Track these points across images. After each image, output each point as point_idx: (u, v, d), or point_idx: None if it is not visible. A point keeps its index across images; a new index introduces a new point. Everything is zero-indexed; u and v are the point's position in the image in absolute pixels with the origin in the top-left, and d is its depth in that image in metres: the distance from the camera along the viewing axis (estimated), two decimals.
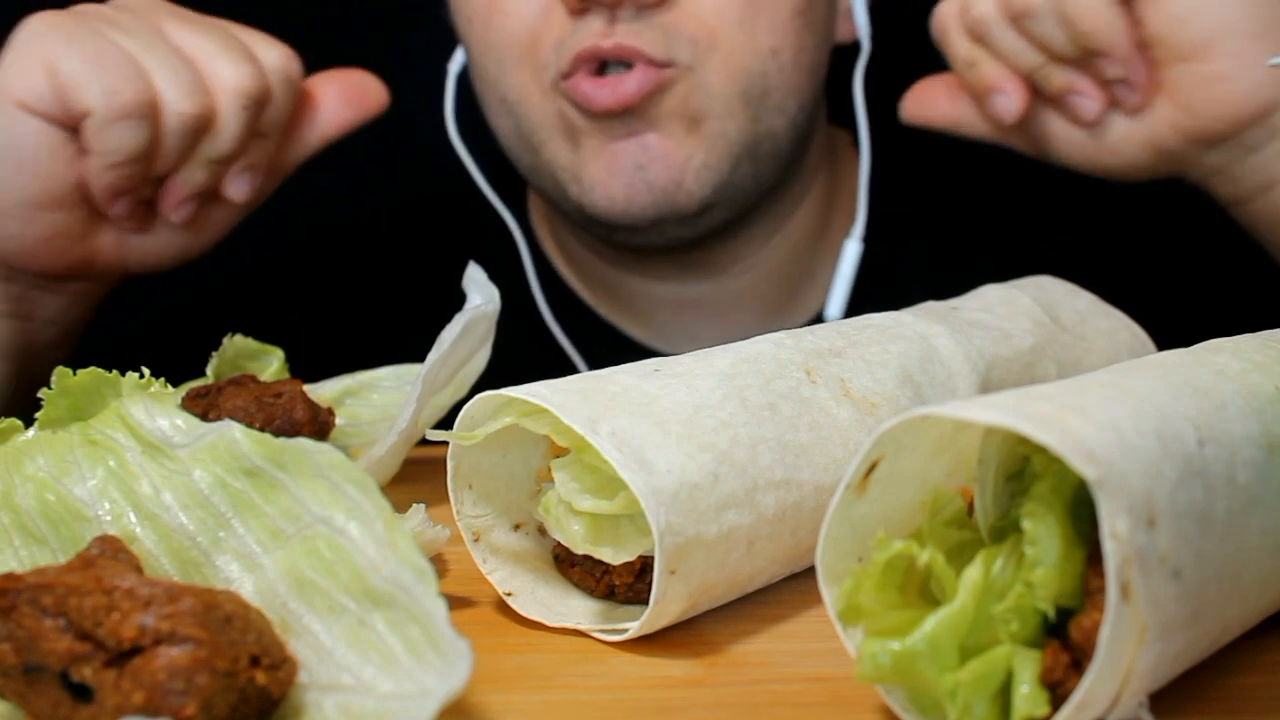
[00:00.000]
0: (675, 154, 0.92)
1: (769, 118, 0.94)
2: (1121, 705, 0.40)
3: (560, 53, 0.91)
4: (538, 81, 0.93)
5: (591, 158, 0.93)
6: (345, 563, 0.43)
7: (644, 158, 0.92)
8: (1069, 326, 0.70)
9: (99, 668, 0.40)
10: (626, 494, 0.50)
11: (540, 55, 0.92)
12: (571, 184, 0.95)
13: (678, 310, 1.05)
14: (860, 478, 0.44)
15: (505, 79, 0.95)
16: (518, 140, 0.97)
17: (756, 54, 0.92)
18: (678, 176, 0.92)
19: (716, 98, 0.92)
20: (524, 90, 0.94)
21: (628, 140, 0.92)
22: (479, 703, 0.46)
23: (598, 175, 0.93)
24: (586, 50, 0.89)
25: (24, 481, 0.51)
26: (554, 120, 0.94)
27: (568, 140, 0.94)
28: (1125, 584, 0.38)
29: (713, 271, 1.04)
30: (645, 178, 0.92)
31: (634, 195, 0.92)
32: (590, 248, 1.06)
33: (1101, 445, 0.39)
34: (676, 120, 0.92)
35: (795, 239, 1.06)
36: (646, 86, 0.90)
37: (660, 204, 0.93)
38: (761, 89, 0.93)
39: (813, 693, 0.47)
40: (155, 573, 0.48)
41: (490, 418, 0.53)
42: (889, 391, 0.58)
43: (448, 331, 0.66)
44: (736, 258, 1.03)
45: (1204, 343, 0.53)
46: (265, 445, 0.47)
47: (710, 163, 0.93)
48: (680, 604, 0.51)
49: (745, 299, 1.05)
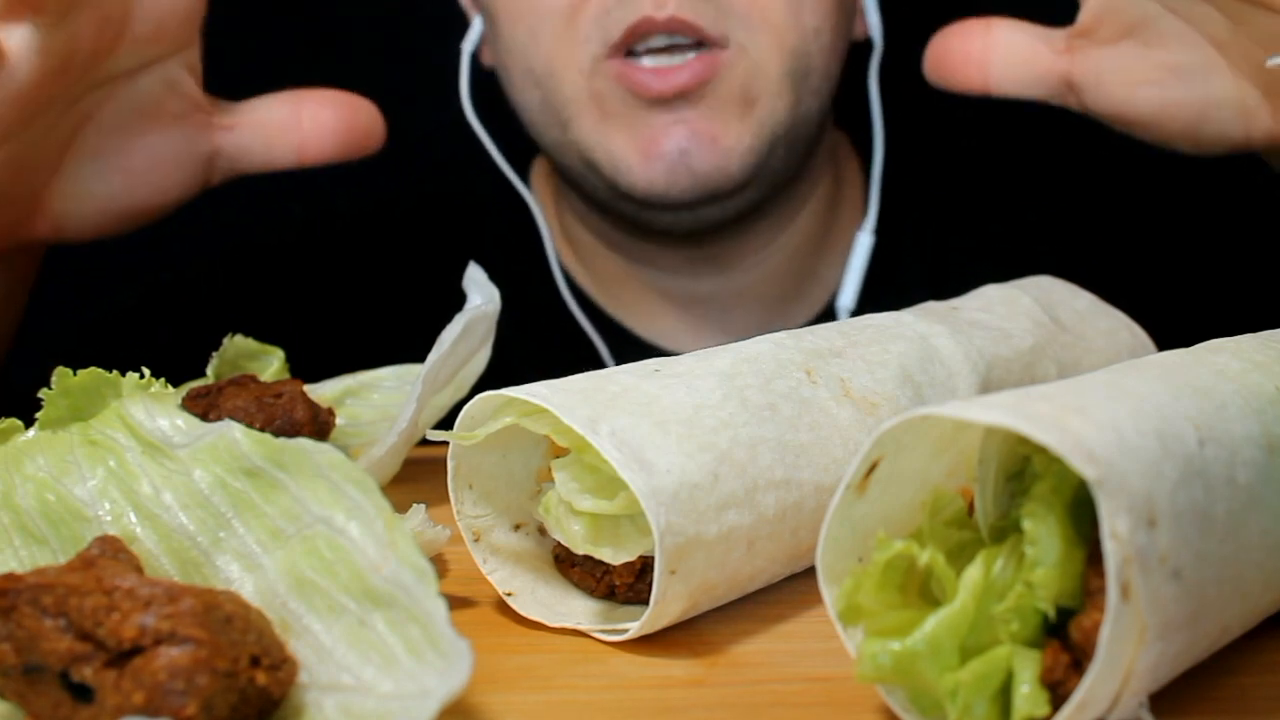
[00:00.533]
0: (724, 139, 0.91)
1: (808, 100, 0.94)
2: (1122, 705, 0.40)
3: (605, 24, 0.89)
4: (574, 56, 0.91)
5: (630, 139, 0.91)
6: (345, 563, 0.43)
7: (690, 142, 0.90)
8: (1069, 326, 0.70)
9: (99, 668, 0.40)
10: (627, 494, 0.50)
11: (580, 27, 0.90)
12: (604, 162, 0.93)
13: (685, 305, 1.05)
14: (860, 478, 0.44)
15: (537, 50, 0.92)
16: (544, 114, 0.95)
17: (802, 33, 0.91)
18: (723, 162, 0.91)
19: (770, 78, 0.91)
20: (558, 63, 0.92)
21: (673, 127, 0.90)
22: (479, 703, 0.46)
23: (636, 158, 0.91)
24: (640, 21, 0.88)
25: (24, 481, 0.51)
26: (588, 97, 0.92)
27: (603, 119, 0.92)
28: (1125, 584, 0.38)
29: (721, 266, 1.03)
30: (688, 162, 0.91)
31: (675, 179, 0.91)
32: (602, 238, 1.05)
33: (1102, 445, 0.39)
34: (730, 103, 0.91)
35: (802, 236, 1.06)
36: (703, 73, 0.89)
37: (700, 188, 0.92)
38: (805, 69, 0.92)
39: (813, 693, 0.47)
40: (155, 573, 0.48)
41: (490, 418, 0.53)
42: (889, 391, 0.58)
43: (448, 331, 0.66)
44: (745, 253, 1.03)
45: (1204, 343, 0.53)
46: (265, 445, 0.47)
47: (755, 146, 0.92)
48: (680, 604, 0.51)
49: (751, 295, 1.05)
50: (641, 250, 1.03)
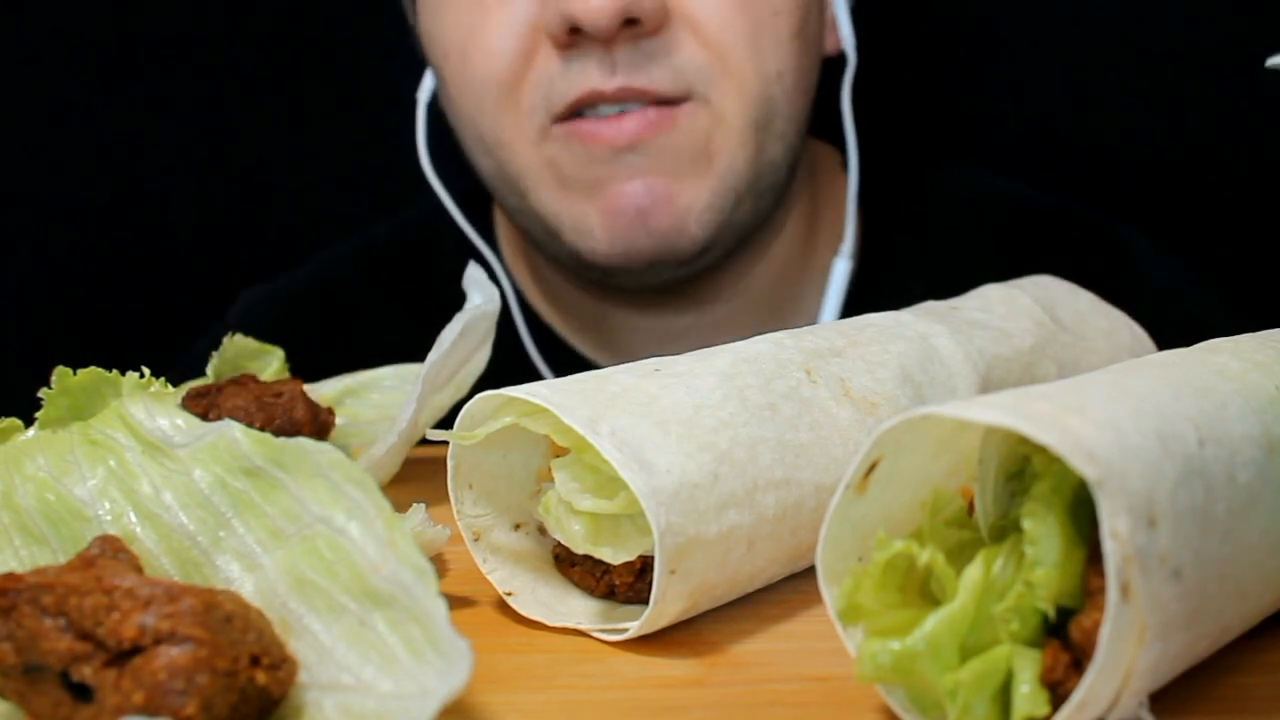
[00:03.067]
0: (681, 197, 0.87)
1: (771, 146, 0.90)
2: (1121, 705, 0.40)
3: (549, 94, 0.85)
4: (521, 128, 0.87)
5: (587, 205, 0.88)
6: (345, 562, 0.43)
7: (646, 201, 0.86)
8: (1069, 326, 0.70)
9: (99, 667, 0.40)
10: (627, 494, 0.50)
11: (523, 97, 0.86)
12: (565, 230, 0.90)
13: (661, 342, 1.01)
14: (860, 477, 0.44)
15: (484, 120, 0.89)
16: (500, 183, 0.92)
17: (764, 79, 0.87)
18: (680, 222, 0.87)
19: (733, 129, 0.87)
20: (505, 134, 0.88)
21: (629, 182, 0.86)
22: (479, 702, 0.46)
23: (595, 222, 0.88)
24: (586, 94, 0.84)
25: (24, 481, 0.51)
26: (542, 167, 0.88)
27: (560, 188, 0.89)
28: (1125, 584, 0.38)
29: (698, 303, 1.00)
30: (646, 224, 0.87)
31: (634, 241, 0.88)
32: (570, 280, 1.01)
33: (1101, 445, 0.39)
34: (686, 157, 0.87)
35: (780, 263, 1.02)
36: (660, 122, 0.85)
37: (660, 249, 0.88)
38: (769, 115, 0.88)
39: (813, 693, 0.47)
40: (155, 572, 0.48)
41: (490, 417, 0.53)
42: (889, 391, 0.58)
43: (448, 331, 0.66)
44: (721, 287, 1.00)
45: (1204, 343, 0.53)
46: (265, 445, 0.47)
47: (714, 203, 0.88)
48: (680, 604, 0.51)
49: (730, 327, 1.00)
50: (616, 293, 0.99)
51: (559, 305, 1.04)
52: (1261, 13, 1.12)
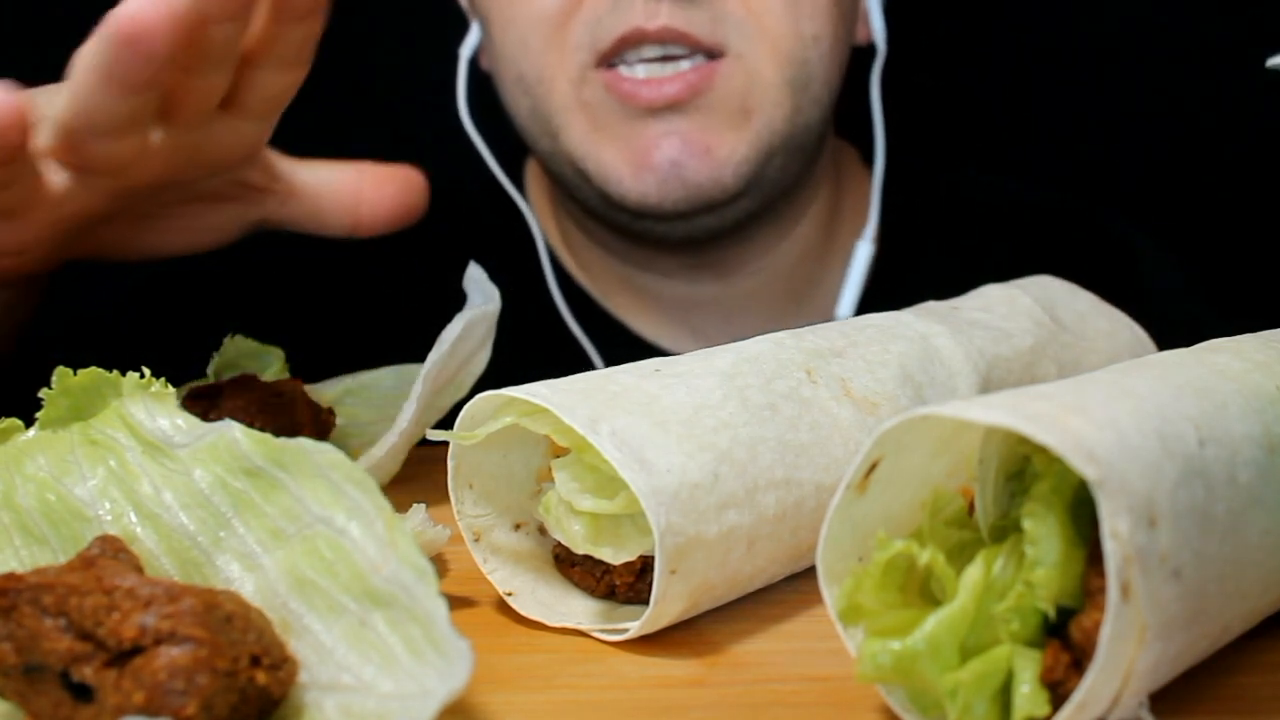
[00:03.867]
0: (718, 150, 0.89)
1: (808, 108, 0.92)
2: (1122, 705, 0.40)
3: (596, 32, 0.87)
4: (564, 64, 0.89)
5: (621, 150, 0.90)
6: (346, 563, 0.43)
7: (683, 154, 0.88)
8: (1069, 326, 0.70)
9: (99, 667, 0.40)
10: (627, 494, 0.50)
11: (570, 35, 0.88)
12: (595, 173, 0.91)
13: (686, 309, 1.04)
14: (861, 477, 0.44)
15: (527, 58, 0.91)
16: (534, 123, 0.93)
17: (801, 40, 0.89)
18: (716, 173, 0.89)
19: (768, 87, 0.89)
20: (547, 71, 0.90)
21: (665, 138, 0.88)
22: (479, 703, 0.46)
23: (627, 169, 0.90)
24: (631, 32, 0.86)
25: (24, 481, 0.51)
26: (578, 106, 0.90)
27: (594, 129, 0.90)
28: (1126, 584, 0.38)
29: (721, 273, 1.02)
30: (681, 174, 0.89)
31: (667, 191, 0.89)
32: (598, 241, 1.03)
33: (1102, 445, 0.39)
34: (725, 114, 0.88)
35: (803, 244, 1.04)
36: (698, 84, 0.87)
37: (693, 198, 0.90)
38: (805, 77, 0.90)
39: (813, 693, 0.47)
40: (156, 573, 0.48)
41: (490, 417, 0.53)
42: (889, 391, 0.58)
43: (448, 332, 0.66)
44: (745, 260, 1.02)
45: (1204, 343, 0.53)
46: (265, 445, 0.47)
47: (750, 156, 0.90)
48: (680, 604, 0.51)
49: (753, 301, 1.04)
50: (639, 255, 1.02)
51: (588, 267, 1.06)
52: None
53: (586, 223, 1.03)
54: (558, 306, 1.02)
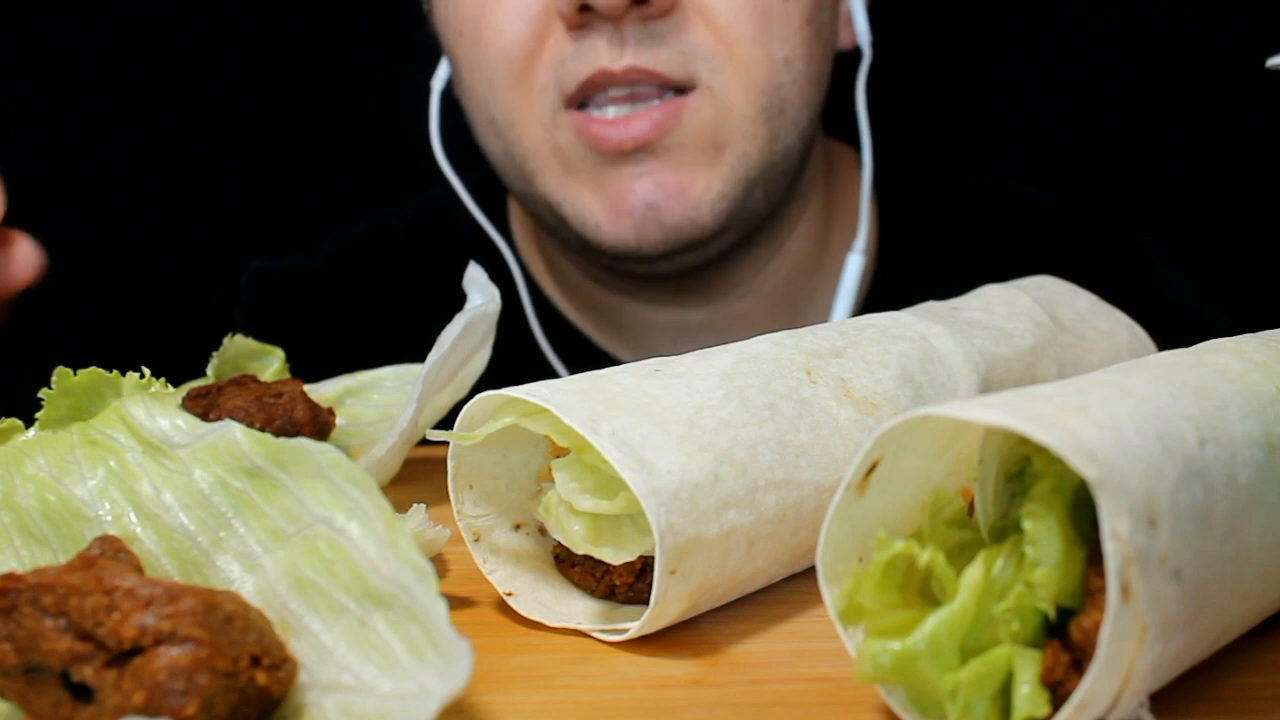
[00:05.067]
0: (692, 188, 0.87)
1: (786, 134, 0.89)
2: (1122, 705, 0.40)
3: (560, 74, 0.85)
4: (532, 107, 0.87)
5: (595, 195, 0.88)
6: (346, 563, 0.43)
7: (658, 195, 0.86)
8: (1069, 326, 0.70)
9: (99, 668, 0.40)
10: (627, 494, 0.50)
11: (536, 76, 0.86)
12: (572, 218, 0.89)
13: (675, 336, 1.01)
14: (861, 478, 0.44)
15: (495, 100, 0.89)
16: (509, 165, 0.92)
17: (772, 66, 0.87)
18: (694, 213, 0.87)
19: (739, 119, 0.86)
20: (518, 114, 0.88)
21: (637, 180, 0.86)
22: (479, 703, 0.46)
23: (603, 214, 0.88)
24: (596, 74, 0.84)
25: (25, 481, 0.51)
26: (550, 150, 0.88)
27: (567, 174, 0.88)
28: (1126, 584, 0.38)
29: (711, 297, 1.00)
30: (657, 216, 0.87)
31: (645, 234, 0.88)
32: (584, 272, 1.01)
33: (1102, 445, 0.39)
34: (696, 149, 0.86)
35: (794, 260, 1.02)
36: (665, 123, 0.85)
37: (672, 240, 0.88)
38: (780, 104, 0.88)
39: (813, 693, 0.47)
40: (156, 573, 0.48)
41: (491, 418, 0.53)
42: (889, 391, 0.58)
43: (448, 332, 0.66)
44: (734, 283, 1.00)
45: (1204, 343, 0.53)
46: (266, 445, 0.47)
47: (726, 192, 0.88)
48: (681, 604, 0.51)
49: (744, 324, 1.01)
50: (626, 285, 1.00)
51: (573, 297, 1.04)
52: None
53: (570, 255, 1.01)
54: (537, 340, 1.00)
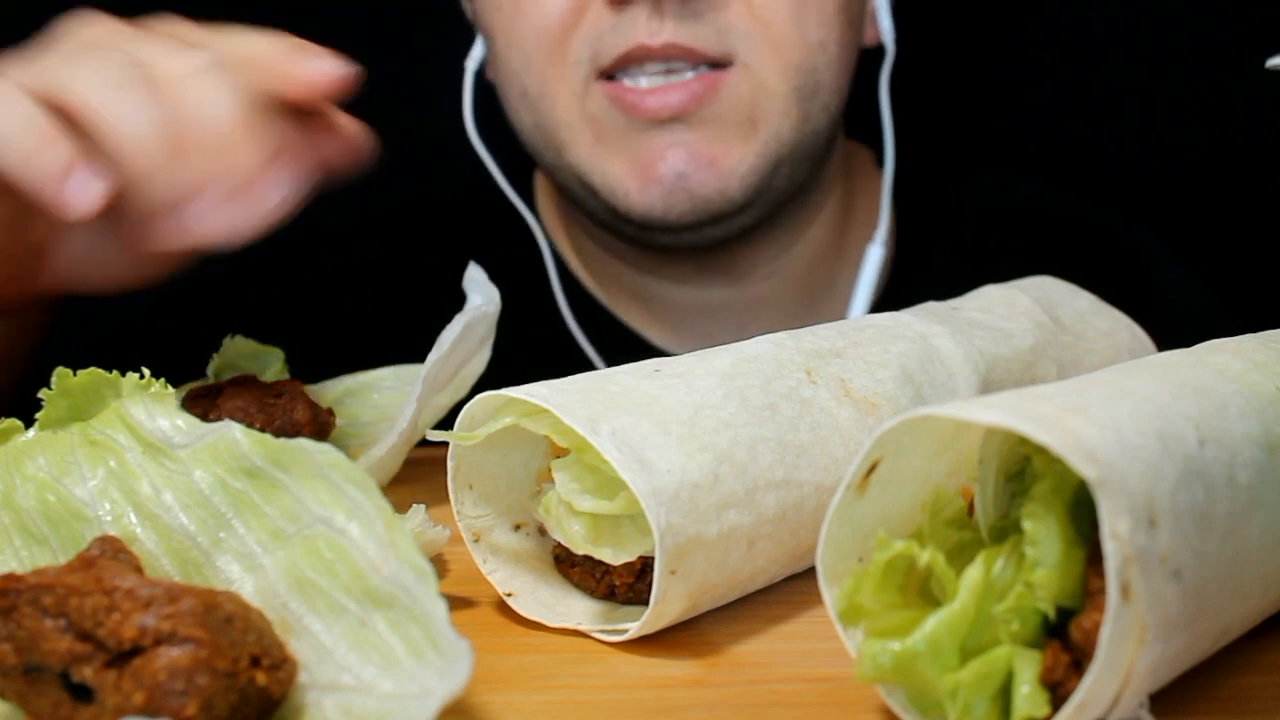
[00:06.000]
0: (724, 160, 0.88)
1: (816, 116, 0.91)
2: (1122, 705, 0.40)
3: (598, 48, 0.87)
4: (566, 79, 0.89)
5: (626, 163, 0.89)
6: (346, 563, 0.43)
7: (689, 165, 0.88)
8: (1069, 326, 0.70)
9: (99, 668, 0.40)
10: (627, 494, 0.50)
11: (571, 49, 0.88)
12: (601, 186, 0.91)
13: (697, 315, 1.03)
14: (861, 478, 0.44)
15: (530, 72, 0.90)
16: (539, 137, 0.93)
17: (808, 47, 0.88)
18: (722, 184, 0.89)
19: (775, 96, 0.88)
20: (550, 86, 0.90)
21: (670, 149, 0.88)
22: (479, 703, 0.46)
23: (633, 182, 0.89)
24: (635, 49, 0.85)
25: (24, 482, 0.51)
26: (582, 120, 0.90)
27: (598, 142, 0.90)
28: (1126, 584, 0.38)
29: (733, 277, 1.02)
30: (686, 186, 0.88)
31: (673, 203, 0.89)
32: (609, 249, 1.03)
33: (1102, 445, 0.39)
34: (731, 124, 0.88)
35: (815, 248, 1.04)
36: (702, 94, 0.86)
37: (699, 210, 0.90)
38: (813, 85, 0.89)
39: (813, 693, 0.47)
40: (156, 573, 0.48)
41: (490, 418, 0.53)
42: (889, 391, 0.58)
43: (448, 332, 0.66)
44: (757, 264, 1.02)
45: (1204, 343, 0.53)
46: (265, 445, 0.47)
47: (758, 166, 0.90)
48: (681, 604, 0.51)
49: (765, 306, 1.03)
50: (650, 262, 1.01)
51: (598, 275, 1.05)
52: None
53: (596, 231, 1.02)
54: (563, 314, 1.02)
